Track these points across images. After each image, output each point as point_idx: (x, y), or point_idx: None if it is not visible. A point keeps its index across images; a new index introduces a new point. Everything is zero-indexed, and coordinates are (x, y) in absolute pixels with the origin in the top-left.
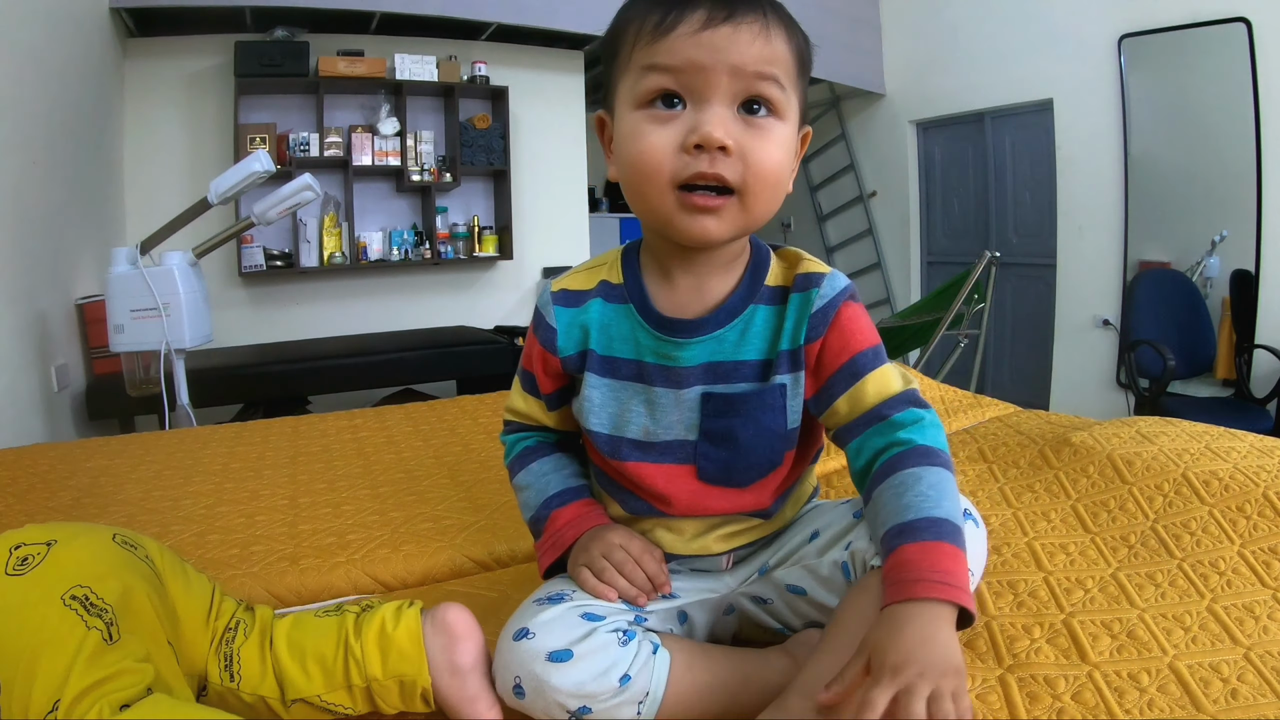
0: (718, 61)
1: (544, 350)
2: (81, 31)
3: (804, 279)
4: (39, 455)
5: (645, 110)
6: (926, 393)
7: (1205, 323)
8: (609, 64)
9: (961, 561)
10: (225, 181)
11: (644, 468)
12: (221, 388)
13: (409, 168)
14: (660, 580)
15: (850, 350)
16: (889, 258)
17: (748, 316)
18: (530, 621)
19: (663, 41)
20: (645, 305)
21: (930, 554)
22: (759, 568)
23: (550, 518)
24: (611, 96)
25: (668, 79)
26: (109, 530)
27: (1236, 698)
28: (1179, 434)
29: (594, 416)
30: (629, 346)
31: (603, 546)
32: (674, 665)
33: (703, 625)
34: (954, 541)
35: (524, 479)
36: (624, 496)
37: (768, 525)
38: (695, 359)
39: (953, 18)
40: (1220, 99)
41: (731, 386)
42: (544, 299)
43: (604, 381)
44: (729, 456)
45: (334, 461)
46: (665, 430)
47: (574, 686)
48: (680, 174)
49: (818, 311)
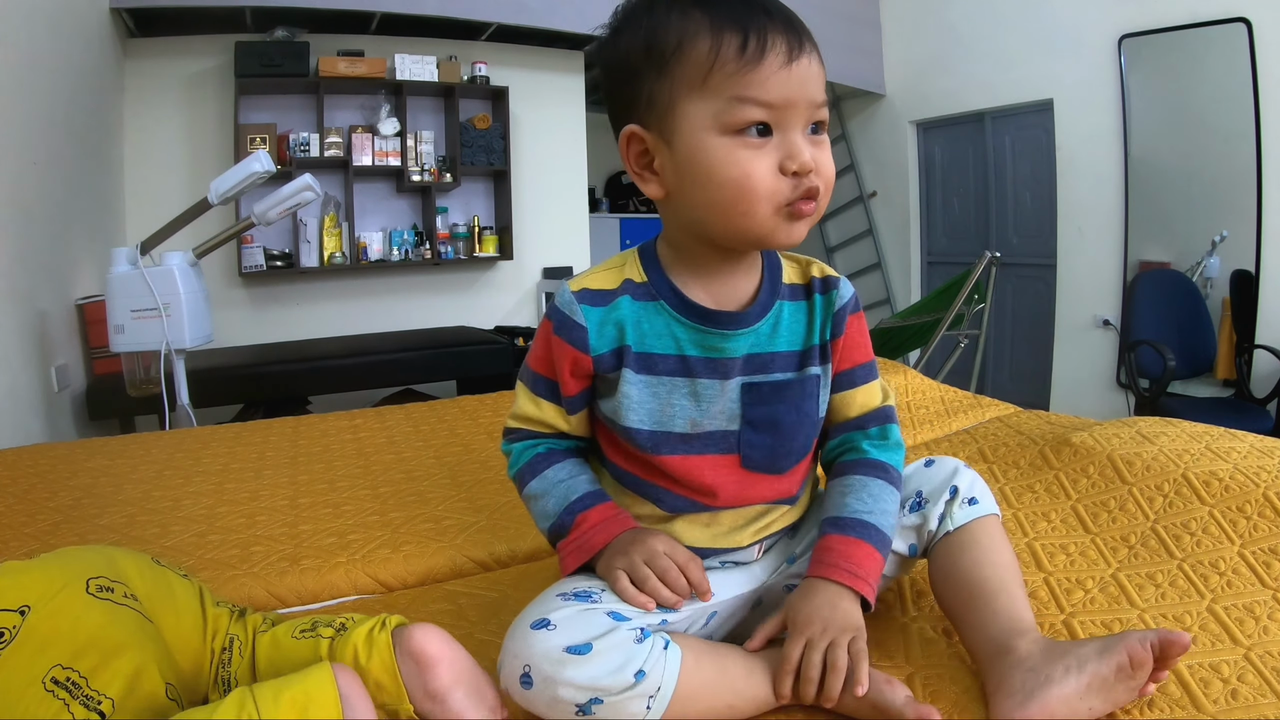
0: (803, 97)
1: (574, 350)
2: (81, 31)
3: (823, 281)
4: (39, 455)
5: (737, 137)
6: (927, 393)
7: (1205, 323)
8: (654, 77)
9: (875, 560)
10: (225, 182)
11: (689, 460)
12: (221, 388)
13: (409, 168)
14: (704, 589)
15: (852, 360)
16: (889, 258)
17: (776, 311)
18: (552, 614)
19: (754, 74)
20: (683, 301)
21: (851, 547)
22: (787, 557)
23: (576, 522)
24: (662, 114)
25: (762, 113)
26: (84, 572)
27: (1237, 698)
28: (1179, 434)
29: (633, 414)
30: (666, 342)
31: (645, 553)
32: (684, 660)
33: (730, 621)
34: (874, 543)
35: (538, 486)
36: (660, 494)
37: (792, 512)
38: (740, 350)
39: (953, 18)
40: (1220, 99)
41: (769, 376)
42: (565, 299)
43: (642, 378)
44: (773, 442)
45: (334, 462)
46: (710, 420)
47: (588, 680)
48: (784, 196)
49: (839, 311)
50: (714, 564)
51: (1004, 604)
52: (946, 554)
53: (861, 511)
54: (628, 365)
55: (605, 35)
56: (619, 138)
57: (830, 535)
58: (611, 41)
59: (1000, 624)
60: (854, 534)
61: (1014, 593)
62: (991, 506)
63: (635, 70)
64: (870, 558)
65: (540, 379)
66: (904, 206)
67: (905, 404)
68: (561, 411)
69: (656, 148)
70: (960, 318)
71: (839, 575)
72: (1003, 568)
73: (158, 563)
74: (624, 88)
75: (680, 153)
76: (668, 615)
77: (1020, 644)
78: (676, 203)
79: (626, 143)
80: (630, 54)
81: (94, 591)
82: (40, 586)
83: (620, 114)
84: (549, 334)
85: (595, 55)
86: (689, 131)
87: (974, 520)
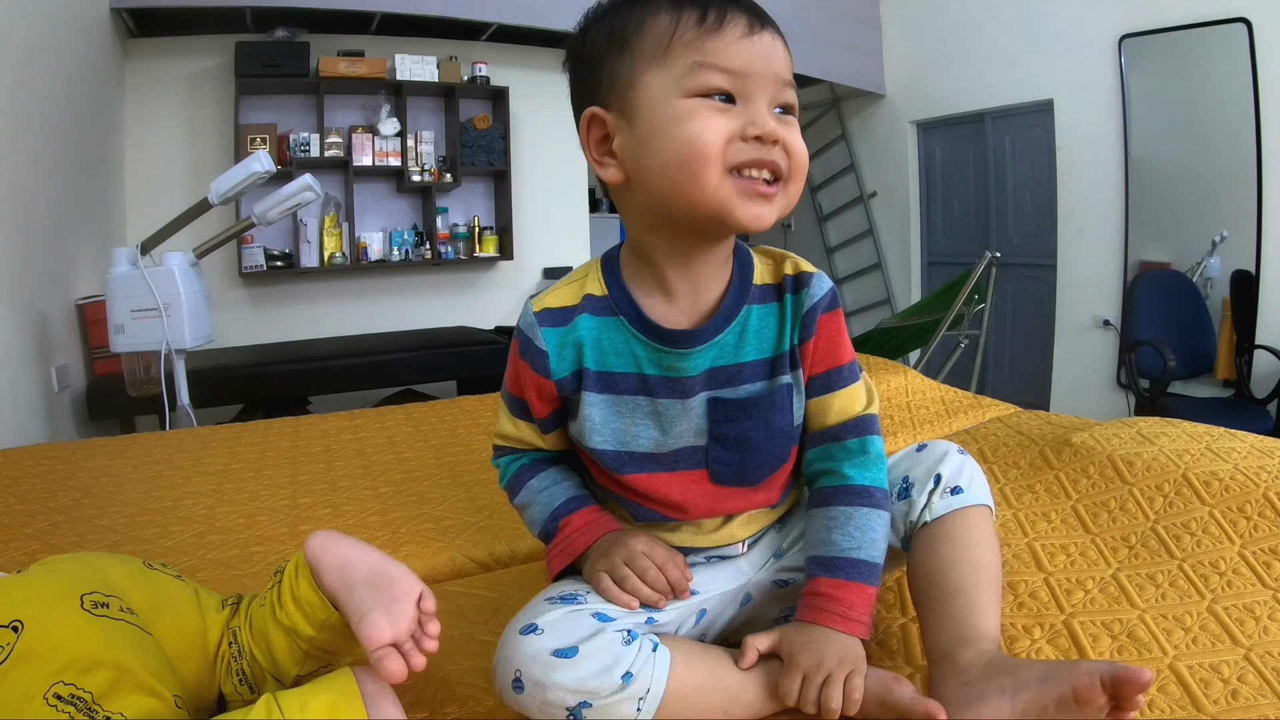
0: (767, 68)
1: (537, 375)
2: (82, 31)
3: (794, 279)
4: (39, 455)
5: (699, 100)
6: (927, 393)
7: (1205, 323)
8: (616, 57)
9: (868, 596)
10: (226, 182)
11: (655, 479)
12: (222, 388)
13: (409, 168)
14: (682, 587)
15: (828, 362)
16: (889, 258)
17: (743, 318)
18: (540, 618)
19: (714, 40)
20: (639, 317)
21: (841, 590)
22: (775, 551)
23: (559, 527)
24: (623, 92)
25: (723, 78)
26: (76, 587)
27: (1237, 698)
28: (1179, 435)
29: (596, 435)
30: (625, 360)
31: (625, 553)
32: (674, 663)
33: (720, 617)
34: (865, 579)
35: (524, 498)
36: (634, 508)
37: (777, 509)
38: (699, 367)
39: (953, 18)
40: (1220, 99)
41: (736, 390)
42: (527, 320)
43: (602, 398)
44: (741, 458)
45: (334, 462)
46: (675, 439)
47: (576, 682)
48: (736, 158)
49: (808, 312)
50: (699, 560)
51: (959, 608)
52: (920, 547)
53: (849, 549)
54: (587, 387)
55: (572, 36)
56: (579, 125)
57: (819, 579)
58: (577, 40)
59: (951, 629)
60: (844, 575)
61: (975, 597)
62: (979, 496)
63: (597, 57)
64: (862, 595)
65: (516, 401)
66: (904, 207)
67: (905, 404)
68: (536, 430)
69: (617, 127)
70: (960, 318)
71: (831, 621)
72: (970, 567)
73: (149, 566)
74: (586, 75)
75: (640, 126)
76: (655, 615)
77: (963, 654)
78: (635, 185)
79: (587, 128)
80: (593, 45)
81: (89, 608)
82: (33, 602)
83: (582, 103)
84: (516, 355)
85: (565, 58)
86: (649, 103)
87: (954, 511)
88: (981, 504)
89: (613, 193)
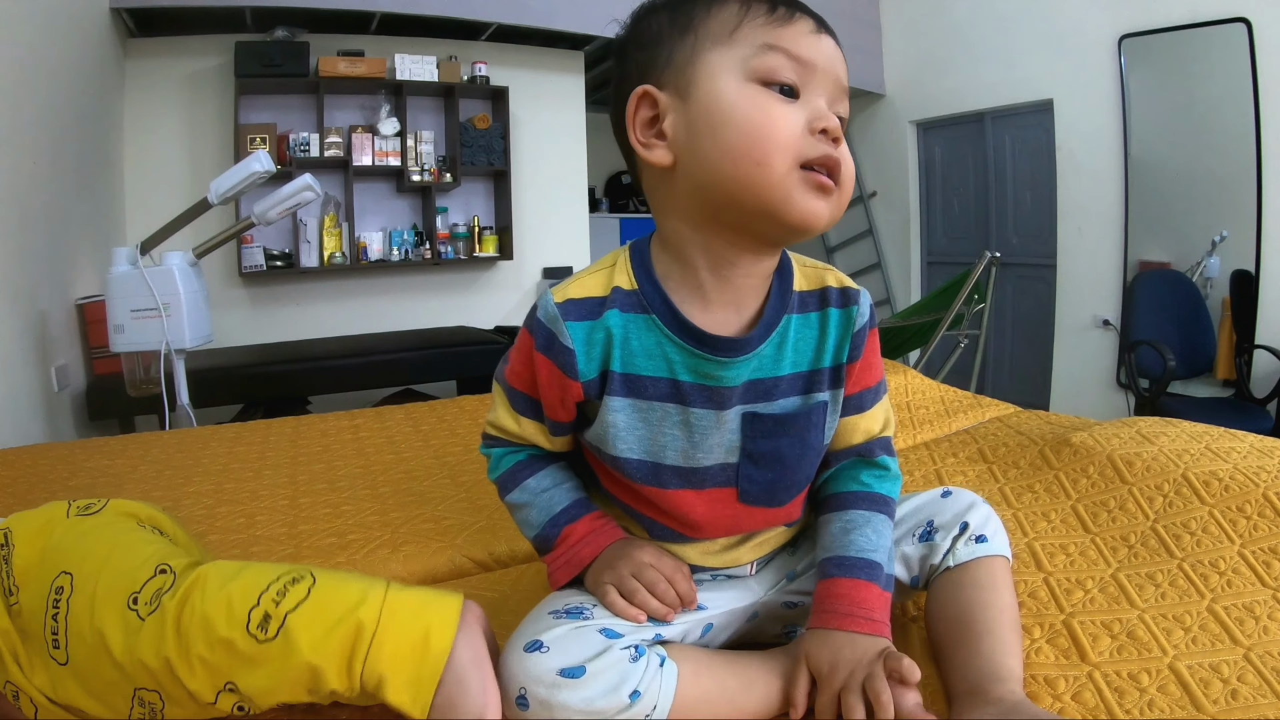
0: (831, 68)
1: (562, 375)
2: (81, 31)
3: (841, 293)
4: (39, 455)
5: (763, 88)
6: (927, 393)
7: (1205, 323)
8: (678, 37)
9: (884, 600)
10: (225, 182)
11: (681, 496)
12: (221, 388)
13: (409, 168)
14: (691, 599)
15: (865, 383)
16: (889, 258)
17: (783, 328)
18: (545, 634)
19: (785, 29)
20: (676, 318)
21: (860, 591)
22: (787, 573)
23: (561, 535)
24: (682, 68)
25: (790, 67)
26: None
27: (1237, 698)
28: (1179, 434)
29: (621, 442)
30: (657, 363)
31: (632, 565)
32: (681, 676)
33: (726, 631)
34: (882, 584)
35: (520, 497)
36: (649, 524)
37: (790, 529)
38: (739, 378)
39: (953, 18)
40: (1220, 99)
41: (771, 405)
42: (549, 313)
43: (627, 403)
44: (774, 477)
45: (334, 462)
46: (705, 454)
47: (583, 703)
48: (806, 152)
49: (859, 332)
50: (705, 577)
51: (989, 647)
52: (944, 589)
53: (868, 550)
54: (611, 391)
55: (628, 20)
56: (626, 105)
57: (836, 578)
58: (633, 22)
59: (981, 666)
60: (862, 575)
61: (1003, 637)
62: (1001, 548)
63: (656, 38)
64: (880, 599)
65: (521, 396)
66: (904, 206)
67: (905, 404)
68: (544, 430)
69: (669, 106)
70: (960, 318)
71: (853, 625)
72: (998, 609)
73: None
74: (640, 55)
75: (697, 103)
76: (661, 629)
77: (996, 689)
78: (683, 169)
79: (635, 107)
80: (653, 26)
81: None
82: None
83: (631, 83)
84: (530, 350)
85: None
86: (709, 78)
87: (978, 559)
88: (1003, 555)
89: (648, 181)
